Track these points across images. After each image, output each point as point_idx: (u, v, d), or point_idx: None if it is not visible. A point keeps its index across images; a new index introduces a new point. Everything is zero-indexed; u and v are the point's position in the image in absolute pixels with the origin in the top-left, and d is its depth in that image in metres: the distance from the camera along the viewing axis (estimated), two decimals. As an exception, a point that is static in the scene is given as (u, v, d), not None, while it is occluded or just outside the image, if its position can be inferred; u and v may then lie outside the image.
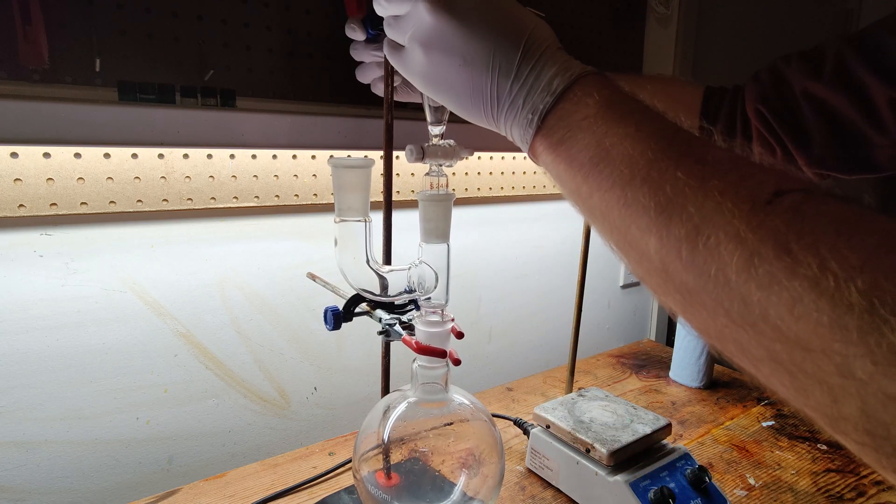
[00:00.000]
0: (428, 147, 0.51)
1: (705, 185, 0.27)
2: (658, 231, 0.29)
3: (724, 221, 0.26)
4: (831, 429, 0.24)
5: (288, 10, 0.70)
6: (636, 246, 0.30)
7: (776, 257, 0.24)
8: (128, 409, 0.69)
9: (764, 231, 0.25)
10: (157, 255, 0.69)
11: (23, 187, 0.58)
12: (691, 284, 0.27)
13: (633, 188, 0.30)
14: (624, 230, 0.31)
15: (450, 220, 0.52)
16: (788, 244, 0.24)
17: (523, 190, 1.02)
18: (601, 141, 0.32)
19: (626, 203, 0.30)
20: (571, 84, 0.35)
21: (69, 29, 0.58)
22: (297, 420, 0.83)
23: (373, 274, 0.53)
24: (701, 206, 0.27)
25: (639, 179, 0.30)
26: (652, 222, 0.29)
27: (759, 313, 0.24)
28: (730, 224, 0.26)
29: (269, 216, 0.76)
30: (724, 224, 0.26)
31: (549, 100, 0.35)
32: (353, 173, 0.50)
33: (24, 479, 0.64)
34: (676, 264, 0.28)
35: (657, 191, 0.29)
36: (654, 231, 0.29)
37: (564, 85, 0.35)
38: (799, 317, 0.23)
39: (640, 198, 0.29)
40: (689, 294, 0.28)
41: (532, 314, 1.10)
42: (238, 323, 0.75)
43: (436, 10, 0.37)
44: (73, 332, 0.64)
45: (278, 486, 0.67)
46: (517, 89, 0.36)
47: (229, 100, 0.64)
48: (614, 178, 0.31)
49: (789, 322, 0.23)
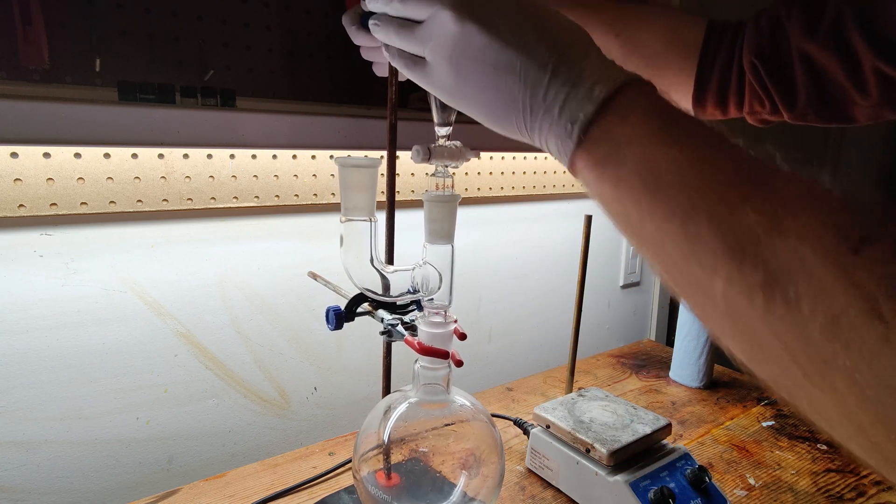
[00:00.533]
0: (434, 148, 0.51)
1: (780, 226, 0.25)
2: (727, 274, 0.26)
3: (806, 272, 0.23)
4: None
5: (288, 10, 0.70)
6: (699, 285, 0.28)
7: (866, 321, 0.22)
8: (128, 409, 0.69)
9: (853, 288, 0.22)
10: (157, 255, 0.68)
11: (23, 187, 0.58)
12: (764, 336, 0.25)
13: (695, 223, 0.27)
14: (683, 266, 0.28)
15: (455, 221, 0.52)
16: (879, 307, 0.21)
17: (523, 190, 1.02)
18: (656, 163, 0.29)
19: (687, 239, 0.27)
20: (615, 93, 0.31)
21: (69, 29, 0.58)
22: (297, 420, 0.82)
23: (376, 274, 0.53)
24: (777, 252, 0.24)
25: (703, 214, 0.27)
26: (719, 263, 0.26)
27: (842, 378, 0.22)
28: (812, 276, 0.23)
29: (269, 216, 0.76)
30: (804, 275, 0.23)
31: (590, 109, 0.31)
32: (359, 173, 0.50)
33: (24, 479, 0.64)
34: (748, 312, 0.25)
35: (724, 229, 0.26)
36: (722, 274, 0.26)
37: (607, 92, 0.31)
38: (892, 390, 0.21)
39: (703, 235, 0.26)
40: (759, 346, 0.26)
41: (532, 314, 1.10)
42: (238, 323, 0.75)
43: (462, 17, 0.34)
44: (73, 332, 0.64)
45: (278, 486, 0.67)
46: (553, 96, 0.33)
47: (229, 100, 0.64)
48: (672, 209, 0.28)
49: (879, 393, 0.21)
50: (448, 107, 0.51)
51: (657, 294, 1.34)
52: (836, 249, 0.23)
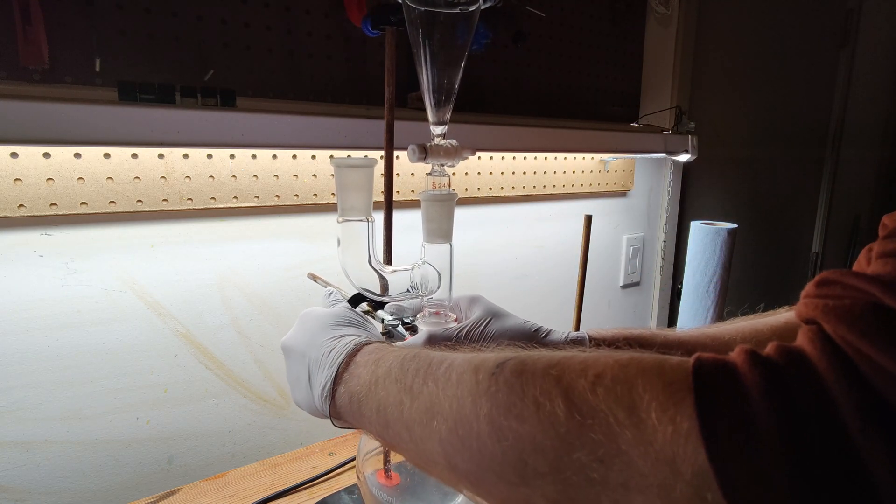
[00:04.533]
0: (430, 147, 0.51)
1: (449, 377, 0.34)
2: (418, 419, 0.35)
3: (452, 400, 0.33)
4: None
5: (288, 10, 0.70)
6: (422, 438, 0.35)
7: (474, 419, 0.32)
8: (128, 409, 0.69)
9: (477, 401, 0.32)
10: (157, 255, 0.68)
11: (23, 187, 0.58)
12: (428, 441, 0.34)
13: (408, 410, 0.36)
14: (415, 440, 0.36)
15: (452, 220, 0.52)
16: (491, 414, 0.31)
17: (523, 190, 1.02)
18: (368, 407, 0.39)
19: (409, 424, 0.36)
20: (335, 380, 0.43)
21: (69, 29, 0.58)
22: (297, 420, 0.82)
23: (375, 274, 0.53)
24: (440, 389, 0.34)
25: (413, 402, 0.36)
26: (419, 423, 0.35)
27: None
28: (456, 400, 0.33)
29: (269, 216, 0.76)
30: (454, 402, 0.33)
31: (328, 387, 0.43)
32: (356, 173, 0.50)
33: (24, 479, 0.64)
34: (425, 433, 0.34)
35: (420, 401, 0.35)
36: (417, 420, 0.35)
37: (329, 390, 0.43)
38: None
39: (413, 414, 0.35)
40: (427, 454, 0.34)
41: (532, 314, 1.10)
42: (238, 323, 0.75)
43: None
44: (73, 332, 0.64)
45: (278, 486, 0.67)
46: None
47: (229, 100, 0.64)
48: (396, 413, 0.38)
49: None
50: (442, 105, 0.51)
51: (657, 294, 1.34)
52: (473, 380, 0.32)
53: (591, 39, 1.07)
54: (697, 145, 1.13)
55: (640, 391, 0.24)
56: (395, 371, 0.37)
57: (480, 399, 0.30)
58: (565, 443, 0.26)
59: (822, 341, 0.22)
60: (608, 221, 1.22)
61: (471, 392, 0.31)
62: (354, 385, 0.40)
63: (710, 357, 0.24)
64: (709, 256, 1.02)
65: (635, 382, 0.25)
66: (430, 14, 0.47)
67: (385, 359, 0.39)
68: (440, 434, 0.32)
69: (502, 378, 0.30)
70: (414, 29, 0.48)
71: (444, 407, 0.32)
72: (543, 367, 0.29)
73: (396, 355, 0.39)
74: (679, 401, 0.23)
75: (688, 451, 0.22)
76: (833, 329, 0.22)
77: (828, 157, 1.82)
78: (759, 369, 0.22)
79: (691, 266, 1.05)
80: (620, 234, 1.25)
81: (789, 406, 0.22)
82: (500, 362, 0.31)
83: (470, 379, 0.32)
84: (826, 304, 0.23)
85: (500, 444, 0.29)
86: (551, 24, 1.00)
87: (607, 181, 1.17)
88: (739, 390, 0.22)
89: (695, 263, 1.04)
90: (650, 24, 1.17)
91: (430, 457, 0.34)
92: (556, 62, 1.02)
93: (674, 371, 0.24)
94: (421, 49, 0.48)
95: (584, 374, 0.27)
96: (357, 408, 0.40)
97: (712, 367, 0.24)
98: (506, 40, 0.90)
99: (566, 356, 0.29)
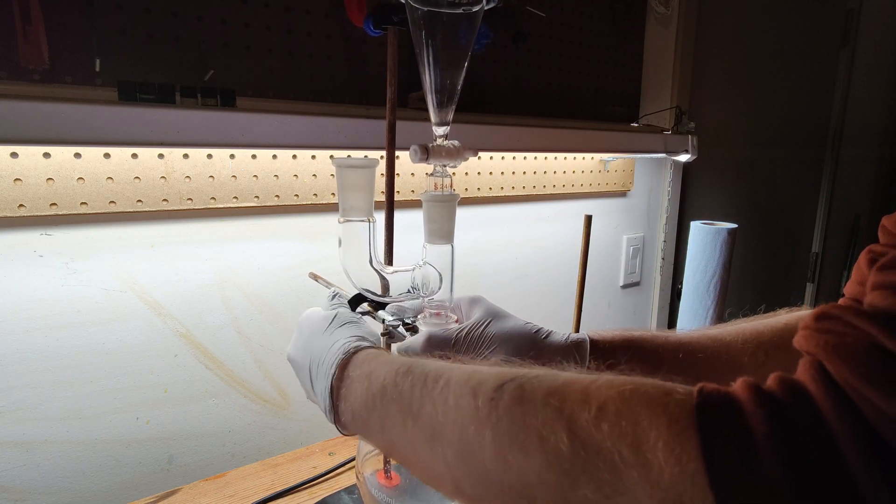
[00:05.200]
0: (432, 147, 0.51)
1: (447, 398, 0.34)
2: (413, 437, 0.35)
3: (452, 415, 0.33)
4: None
5: (288, 10, 0.70)
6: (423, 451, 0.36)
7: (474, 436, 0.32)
8: (128, 409, 0.69)
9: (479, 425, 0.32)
10: (157, 255, 0.68)
11: (23, 187, 0.58)
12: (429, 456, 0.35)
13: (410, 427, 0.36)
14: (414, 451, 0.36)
15: (454, 221, 0.52)
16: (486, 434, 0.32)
17: (523, 190, 1.02)
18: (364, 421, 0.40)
19: (408, 437, 0.36)
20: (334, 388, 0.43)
21: (69, 29, 0.58)
22: (297, 420, 0.82)
23: (376, 275, 0.53)
24: (436, 408, 0.34)
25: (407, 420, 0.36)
26: (421, 442, 0.35)
27: None
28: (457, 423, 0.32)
29: (269, 216, 0.76)
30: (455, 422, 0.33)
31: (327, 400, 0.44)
32: (357, 173, 0.50)
33: (24, 479, 0.64)
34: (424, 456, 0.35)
35: (421, 420, 0.34)
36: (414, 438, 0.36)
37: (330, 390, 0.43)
38: None
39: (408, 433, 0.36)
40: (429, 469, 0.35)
41: (532, 314, 1.10)
42: (238, 323, 0.75)
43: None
44: (73, 332, 0.64)
45: (278, 486, 0.67)
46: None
47: (229, 100, 0.64)
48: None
49: None
50: (445, 105, 0.51)
51: (657, 294, 1.34)
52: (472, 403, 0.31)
53: (591, 39, 1.07)
54: (697, 145, 1.12)
55: (644, 427, 0.24)
56: (389, 389, 0.37)
57: (483, 428, 0.30)
58: (571, 478, 0.26)
59: (825, 382, 0.22)
60: (608, 221, 1.22)
61: (472, 420, 0.31)
62: (353, 402, 0.40)
63: (713, 390, 0.24)
64: (709, 256, 1.02)
65: (640, 418, 0.24)
66: (434, 14, 0.47)
67: (376, 373, 0.39)
68: (445, 458, 0.32)
69: (503, 405, 0.30)
70: (417, 29, 0.48)
71: (447, 431, 0.32)
72: (543, 395, 0.28)
73: (388, 369, 0.38)
74: (684, 440, 0.23)
75: (695, 493, 0.22)
76: (835, 369, 0.22)
77: (828, 158, 1.82)
78: (763, 409, 0.22)
79: (691, 266, 1.05)
80: (620, 234, 1.25)
81: (794, 449, 0.22)
82: (497, 385, 0.31)
83: (469, 404, 0.31)
84: (827, 341, 0.23)
85: (506, 474, 0.29)
86: (551, 24, 1.00)
87: (607, 181, 1.17)
88: (744, 431, 0.22)
89: (695, 263, 1.04)
90: (650, 24, 1.17)
91: (438, 478, 0.34)
92: (556, 62, 1.02)
93: (678, 406, 0.24)
94: (424, 49, 0.48)
95: (587, 406, 0.26)
96: (362, 425, 0.40)
97: (717, 403, 0.24)
98: (506, 40, 0.90)
99: (566, 382, 0.29)
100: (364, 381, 0.39)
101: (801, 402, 0.23)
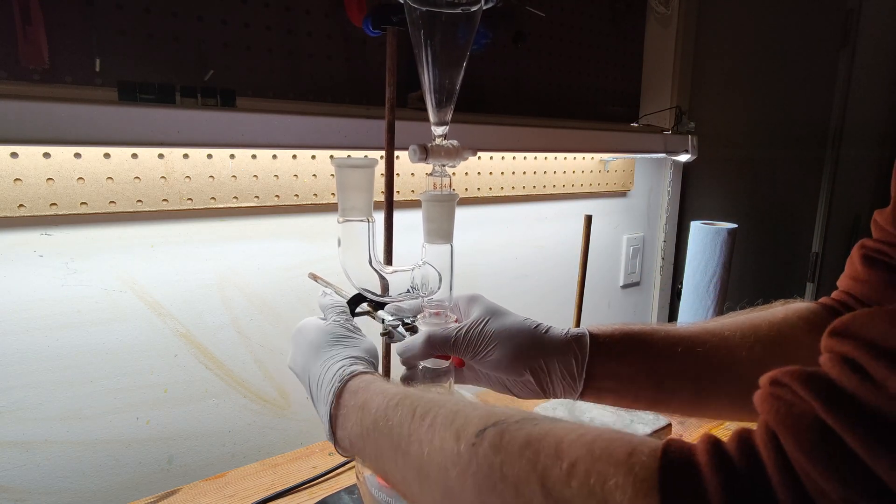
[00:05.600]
0: (432, 147, 0.51)
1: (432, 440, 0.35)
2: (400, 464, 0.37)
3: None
4: None
5: (288, 10, 0.70)
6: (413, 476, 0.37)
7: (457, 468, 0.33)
8: (128, 409, 0.69)
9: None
10: (157, 255, 0.68)
11: (23, 187, 0.58)
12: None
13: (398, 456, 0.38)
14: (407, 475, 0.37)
15: (453, 221, 0.52)
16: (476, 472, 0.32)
17: (523, 190, 1.02)
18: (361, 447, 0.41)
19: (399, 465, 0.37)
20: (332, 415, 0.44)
21: (69, 29, 0.58)
22: (297, 420, 0.82)
23: (375, 275, 0.53)
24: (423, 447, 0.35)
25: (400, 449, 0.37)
26: (411, 471, 0.36)
27: None
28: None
29: (269, 216, 0.76)
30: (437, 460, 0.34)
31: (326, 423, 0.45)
32: (357, 173, 0.50)
33: (24, 479, 0.64)
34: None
35: (411, 454, 0.35)
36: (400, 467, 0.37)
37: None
38: None
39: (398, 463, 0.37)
40: None
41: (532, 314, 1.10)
42: (238, 323, 0.75)
43: None
44: (73, 332, 0.64)
45: (278, 486, 0.67)
46: None
47: (229, 100, 0.64)
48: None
49: None
50: (444, 105, 0.51)
51: (657, 294, 1.34)
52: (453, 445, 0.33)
53: (591, 39, 1.07)
54: (697, 145, 1.13)
55: (611, 487, 0.26)
56: (380, 423, 0.38)
57: (465, 475, 0.31)
58: None
59: (776, 452, 0.23)
60: (608, 221, 1.22)
61: (454, 464, 0.32)
62: (350, 431, 0.41)
63: (676, 450, 0.26)
64: (709, 256, 1.02)
65: (607, 477, 0.26)
66: (432, 14, 0.47)
67: (369, 405, 0.40)
68: (434, 497, 0.34)
69: (482, 452, 0.31)
70: (416, 29, 0.48)
71: (433, 472, 0.34)
72: (520, 446, 0.30)
73: (380, 402, 0.39)
74: (648, 502, 0.24)
75: None
76: (784, 441, 0.23)
77: (828, 158, 1.82)
78: (720, 475, 0.24)
79: (691, 266, 1.05)
80: (620, 234, 1.25)
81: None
82: (479, 430, 0.32)
83: (452, 448, 0.32)
84: (778, 410, 0.24)
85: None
86: (551, 24, 1.00)
87: (607, 181, 1.17)
88: (701, 496, 0.24)
89: (695, 263, 1.04)
90: (650, 24, 1.17)
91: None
92: (556, 62, 1.02)
93: (642, 468, 0.25)
94: (422, 49, 0.48)
95: (559, 462, 0.28)
96: (359, 452, 0.41)
97: (678, 465, 0.25)
98: (506, 40, 0.90)
99: (543, 432, 0.30)
100: (358, 412, 0.41)
101: (755, 471, 0.24)
